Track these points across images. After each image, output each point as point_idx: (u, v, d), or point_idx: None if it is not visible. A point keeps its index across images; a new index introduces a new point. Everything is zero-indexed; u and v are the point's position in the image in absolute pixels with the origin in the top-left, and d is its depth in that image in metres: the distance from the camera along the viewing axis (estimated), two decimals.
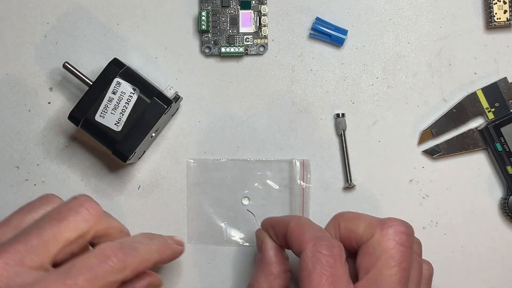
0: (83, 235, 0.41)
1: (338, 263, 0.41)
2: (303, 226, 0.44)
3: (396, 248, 0.41)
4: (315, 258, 0.41)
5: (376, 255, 0.41)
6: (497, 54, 0.54)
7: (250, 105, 0.54)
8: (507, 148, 0.52)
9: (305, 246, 0.42)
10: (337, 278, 0.41)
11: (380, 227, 0.42)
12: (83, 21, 0.53)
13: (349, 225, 0.44)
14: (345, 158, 0.53)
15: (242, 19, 0.53)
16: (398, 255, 0.41)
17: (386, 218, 0.43)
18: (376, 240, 0.42)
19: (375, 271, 0.41)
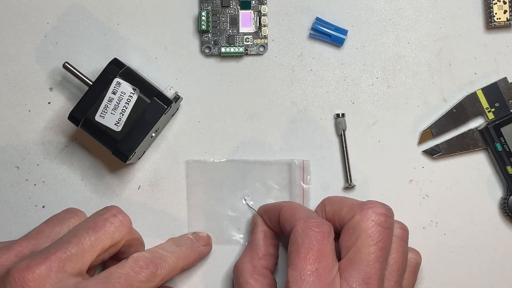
0: (116, 244, 0.45)
1: (325, 240, 0.43)
2: (295, 208, 0.47)
3: (374, 228, 0.44)
4: (305, 233, 0.43)
5: (356, 235, 0.44)
6: (497, 54, 0.54)
7: (250, 105, 0.54)
8: (507, 148, 0.52)
9: (296, 223, 0.44)
10: (324, 254, 0.43)
11: (360, 208, 0.45)
12: (83, 21, 0.53)
13: (333, 207, 0.47)
14: (345, 158, 0.53)
15: (242, 19, 0.53)
16: (375, 234, 0.44)
17: (366, 201, 0.46)
18: (356, 220, 0.44)
19: (355, 249, 0.43)
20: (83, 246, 0.42)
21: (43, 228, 0.46)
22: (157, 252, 0.46)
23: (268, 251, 0.49)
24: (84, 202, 0.53)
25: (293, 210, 0.47)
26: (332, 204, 0.48)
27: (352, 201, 0.47)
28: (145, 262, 0.44)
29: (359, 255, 0.43)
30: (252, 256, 0.48)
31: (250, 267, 0.47)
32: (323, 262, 0.42)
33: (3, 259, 0.43)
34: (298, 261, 0.42)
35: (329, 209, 0.48)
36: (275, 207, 0.49)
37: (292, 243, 0.44)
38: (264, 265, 0.48)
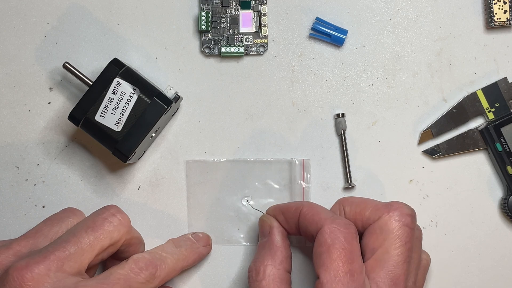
0: (115, 244, 0.45)
1: (354, 240, 0.43)
2: (316, 208, 0.47)
3: (402, 229, 0.44)
4: (334, 234, 0.43)
5: (383, 236, 0.44)
6: (497, 54, 0.54)
7: (250, 105, 0.54)
8: (507, 148, 0.52)
9: (323, 223, 0.44)
10: (354, 254, 0.43)
11: (387, 210, 0.45)
12: (83, 21, 0.53)
13: (355, 208, 0.47)
14: (345, 158, 0.53)
15: (242, 19, 0.53)
16: (404, 235, 0.44)
17: (391, 202, 0.46)
18: (383, 221, 0.45)
19: (382, 250, 0.44)
20: (82, 246, 0.42)
21: (42, 228, 0.46)
22: (157, 253, 0.46)
23: (287, 253, 0.48)
24: (84, 202, 0.53)
25: (315, 210, 0.46)
26: (352, 205, 0.48)
27: (375, 202, 0.47)
28: (145, 263, 0.44)
29: (387, 256, 0.44)
30: (273, 259, 0.47)
31: (273, 270, 0.46)
32: (355, 262, 0.43)
33: (1, 258, 0.43)
34: (330, 262, 0.42)
35: (350, 210, 0.47)
36: (293, 208, 0.48)
37: (320, 244, 0.43)
38: (286, 267, 0.47)
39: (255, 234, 0.53)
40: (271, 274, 0.46)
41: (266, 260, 0.47)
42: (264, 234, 0.49)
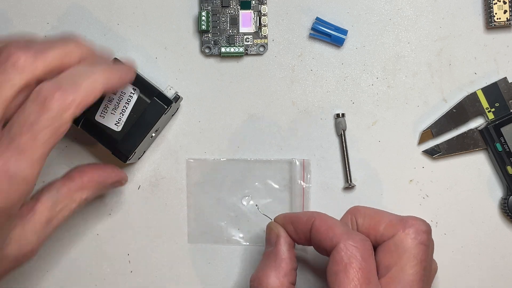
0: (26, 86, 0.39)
1: (371, 258, 0.42)
2: (329, 221, 0.44)
3: (418, 247, 0.43)
4: (350, 252, 0.42)
5: (398, 253, 0.43)
6: (497, 54, 0.54)
7: (250, 105, 0.54)
8: (507, 148, 0.52)
9: (338, 240, 0.42)
10: (371, 273, 0.42)
11: (402, 226, 0.44)
12: (83, 21, 0.53)
13: (368, 221, 0.45)
14: (345, 158, 0.53)
15: (242, 19, 0.53)
16: (420, 254, 0.43)
17: (407, 217, 0.45)
18: (398, 238, 0.43)
19: (398, 268, 0.43)
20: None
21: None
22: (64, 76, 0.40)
23: (293, 265, 0.46)
24: None
25: (328, 223, 0.44)
26: (366, 217, 0.46)
27: (390, 216, 0.45)
28: (49, 91, 0.38)
29: (403, 275, 0.42)
30: (278, 270, 0.45)
31: (277, 282, 0.45)
32: (372, 282, 0.41)
33: None
34: (347, 282, 0.41)
35: (363, 223, 0.46)
36: (304, 219, 0.46)
37: (336, 262, 0.42)
38: (291, 280, 0.46)
39: (255, 234, 0.53)
40: (275, 286, 0.45)
41: (270, 271, 0.45)
42: (270, 243, 0.47)
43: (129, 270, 0.54)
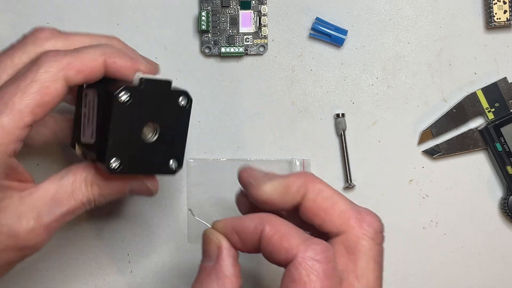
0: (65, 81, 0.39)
1: (335, 271, 0.36)
2: (283, 228, 0.37)
3: (375, 248, 0.37)
4: (310, 266, 0.35)
5: (355, 256, 0.37)
6: (497, 54, 0.54)
7: (250, 105, 0.54)
8: (507, 148, 0.52)
9: (295, 253, 0.35)
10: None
11: (359, 223, 0.37)
12: (83, 21, 0.53)
13: (321, 201, 0.38)
14: (345, 158, 0.53)
15: (242, 19, 0.53)
16: (378, 256, 0.37)
17: (362, 211, 0.38)
18: (353, 237, 0.37)
19: (356, 274, 0.37)
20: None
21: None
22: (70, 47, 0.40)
23: (239, 283, 0.38)
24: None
25: (282, 232, 0.36)
26: (319, 194, 0.38)
27: (344, 203, 0.38)
28: (46, 52, 0.38)
29: (362, 282, 0.36)
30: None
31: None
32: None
33: None
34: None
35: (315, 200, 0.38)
36: (252, 227, 0.37)
37: (294, 280, 0.35)
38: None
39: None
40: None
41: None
42: (209, 256, 0.39)
43: (129, 270, 0.54)
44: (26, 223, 0.38)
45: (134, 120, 0.40)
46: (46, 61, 0.38)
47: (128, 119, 0.40)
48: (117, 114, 0.39)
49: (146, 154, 0.41)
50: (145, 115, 0.41)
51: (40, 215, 0.39)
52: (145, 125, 0.41)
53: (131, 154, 0.40)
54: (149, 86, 0.40)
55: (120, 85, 0.39)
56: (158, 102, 0.41)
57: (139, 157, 0.41)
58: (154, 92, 0.41)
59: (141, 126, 0.41)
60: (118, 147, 0.40)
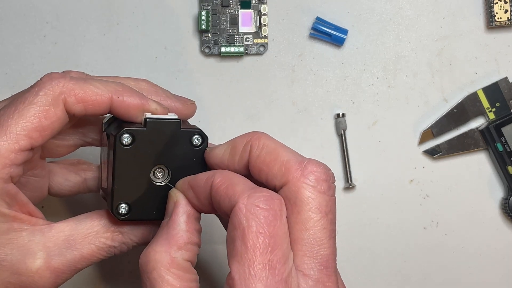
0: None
1: (278, 221, 0.34)
2: (232, 179, 0.36)
3: (320, 198, 0.35)
4: (251, 213, 0.33)
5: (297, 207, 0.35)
6: (498, 54, 0.53)
7: (250, 105, 0.53)
8: (508, 148, 0.52)
9: (237, 199, 0.34)
10: (277, 240, 0.33)
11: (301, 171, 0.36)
12: (83, 21, 0.53)
13: (264, 155, 0.37)
14: (345, 158, 0.53)
15: (242, 19, 0.53)
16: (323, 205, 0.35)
17: (306, 161, 0.36)
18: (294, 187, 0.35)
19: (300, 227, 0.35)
20: None
21: None
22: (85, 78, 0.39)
23: (191, 239, 0.37)
24: (84, 202, 0.53)
25: (230, 181, 0.35)
26: (263, 149, 0.37)
27: (288, 155, 0.36)
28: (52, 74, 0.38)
29: (308, 235, 0.35)
30: (170, 244, 0.36)
31: (167, 258, 0.36)
32: (277, 250, 0.33)
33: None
34: (244, 251, 0.33)
35: (259, 155, 0.37)
36: (204, 180, 0.37)
37: (234, 227, 0.34)
38: (186, 256, 0.36)
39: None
40: (164, 264, 0.36)
41: (160, 245, 0.36)
42: (167, 213, 0.38)
43: (128, 270, 0.53)
44: (32, 262, 0.37)
45: (141, 163, 0.39)
46: (47, 83, 0.37)
47: (134, 162, 0.39)
48: (120, 157, 0.38)
49: (158, 198, 0.39)
50: (154, 157, 0.39)
51: (50, 256, 0.37)
52: (154, 168, 0.39)
53: (141, 199, 0.39)
54: (154, 128, 0.39)
55: (125, 127, 0.38)
56: (167, 143, 0.39)
57: (150, 201, 0.39)
58: (162, 133, 0.39)
59: (149, 169, 0.39)
60: (125, 192, 0.39)
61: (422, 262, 0.53)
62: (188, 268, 0.36)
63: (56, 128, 0.38)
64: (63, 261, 0.38)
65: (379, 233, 0.53)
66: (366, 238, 0.53)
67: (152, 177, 0.39)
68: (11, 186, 0.37)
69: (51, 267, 0.37)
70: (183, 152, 0.39)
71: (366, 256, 0.53)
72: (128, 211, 0.39)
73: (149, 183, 0.39)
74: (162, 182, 0.39)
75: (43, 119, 0.37)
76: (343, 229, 0.52)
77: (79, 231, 0.39)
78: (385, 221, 0.53)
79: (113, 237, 0.39)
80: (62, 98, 0.37)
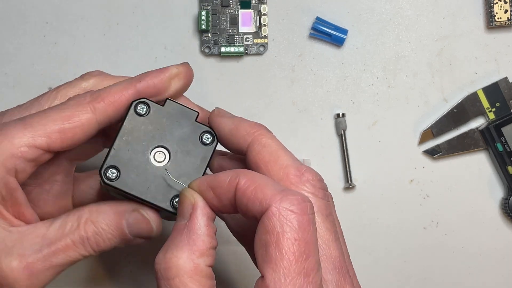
0: None
1: (311, 226, 0.33)
2: (259, 180, 0.35)
3: (319, 202, 0.36)
4: (284, 217, 0.33)
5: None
6: (497, 54, 0.53)
7: (250, 105, 0.53)
8: (508, 148, 0.52)
9: (269, 203, 0.33)
10: (311, 247, 0.33)
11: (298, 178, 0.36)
12: (83, 21, 0.53)
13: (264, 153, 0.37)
14: (345, 158, 0.53)
15: (242, 19, 0.53)
16: (322, 207, 0.36)
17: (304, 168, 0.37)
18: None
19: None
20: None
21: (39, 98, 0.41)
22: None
23: (213, 243, 0.36)
24: None
25: (258, 183, 0.34)
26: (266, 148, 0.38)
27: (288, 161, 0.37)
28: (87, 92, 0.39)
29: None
30: (192, 250, 0.35)
31: (190, 265, 0.35)
32: (311, 258, 0.33)
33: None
34: (280, 258, 0.32)
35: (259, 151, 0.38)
36: (227, 181, 0.35)
37: (267, 231, 0.33)
38: (208, 262, 0.35)
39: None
40: (187, 271, 0.34)
41: (181, 250, 0.35)
42: (183, 215, 0.37)
43: (128, 270, 0.53)
44: (7, 259, 0.36)
45: (146, 138, 0.39)
46: (76, 98, 0.39)
47: (140, 133, 0.39)
48: (130, 123, 0.38)
49: (149, 178, 0.39)
50: (160, 137, 0.39)
51: (25, 254, 0.37)
52: (156, 147, 0.39)
53: (132, 172, 0.38)
54: (171, 109, 0.39)
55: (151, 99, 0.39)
56: (178, 129, 0.39)
57: (140, 178, 0.39)
58: (176, 117, 0.39)
59: (151, 147, 0.39)
60: (120, 158, 0.38)
61: (422, 262, 0.53)
62: (210, 274, 0.36)
63: (81, 134, 0.38)
64: (37, 256, 0.37)
65: (379, 233, 0.53)
66: (366, 238, 0.53)
67: (150, 156, 0.39)
68: (12, 179, 0.36)
69: (25, 263, 0.36)
70: (190, 144, 0.39)
71: (366, 256, 0.53)
72: (116, 177, 0.38)
73: (146, 160, 0.39)
74: (160, 163, 0.39)
75: (66, 121, 0.37)
76: (343, 229, 0.52)
77: (55, 226, 0.38)
78: (385, 221, 0.53)
79: (85, 228, 0.38)
80: (89, 104, 0.38)
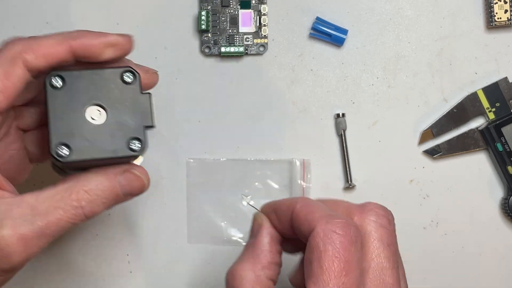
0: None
1: (353, 247, 0.36)
2: (312, 205, 0.38)
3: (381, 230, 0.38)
4: (328, 237, 0.36)
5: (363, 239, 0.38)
6: (497, 54, 0.53)
7: (250, 105, 0.53)
8: (508, 148, 0.52)
9: (316, 224, 0.36)
10: (351, 265, 0.35)
11: (360, 211, 0.39)
12: (83, 21, 0.53)
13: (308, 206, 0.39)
14: (345, 158, 0.53)
15: (242, 19, 0.53)
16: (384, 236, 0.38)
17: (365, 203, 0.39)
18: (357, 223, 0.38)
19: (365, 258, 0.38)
20: None
21: None
22: None
23: (274, 259, 0.40)
24: None
25: (310, 207, 0.38)
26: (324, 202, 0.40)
27: (346, 203, 0.40)
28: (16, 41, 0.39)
29: (373, 264, 0.37)
30: (254, 263, 0.39)
31: (252, 276, 0.39)
32: (351, 275, 0.35)
33: None
34: (320, 273, 0.35)
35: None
36: (286, 205, 0.40)
37: (311, 250, 0.36)
38: (269, 275, 0.39)
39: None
40: (249, 281, 0.39)
41: (245, 263, 0.40)
42: (253, 234, 0.42)
43: (128, 270, 0.54)
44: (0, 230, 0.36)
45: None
46: (6, 48, 0.39)
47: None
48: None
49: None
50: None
51: (16, 225, 0.37)
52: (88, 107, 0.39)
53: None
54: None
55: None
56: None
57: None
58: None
59: (83, 109, 0.39)
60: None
61: (422, 262, 0.53)
62: (270, 287, 0.39)
63: (18, 88, 0.38)
64: (30, 228, 0.37)
65: None
66: None
67: (88, 118, 0.39)
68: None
69: (18, 234, 0.37)
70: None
71: None
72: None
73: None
74: (99, 121, 0.39)
75: (4, 79, 0.38)
76: None
77: (44, 198, 0.38)
78: None
79: (78, 197, 0.39)
80: (21, 57, 0.38)
